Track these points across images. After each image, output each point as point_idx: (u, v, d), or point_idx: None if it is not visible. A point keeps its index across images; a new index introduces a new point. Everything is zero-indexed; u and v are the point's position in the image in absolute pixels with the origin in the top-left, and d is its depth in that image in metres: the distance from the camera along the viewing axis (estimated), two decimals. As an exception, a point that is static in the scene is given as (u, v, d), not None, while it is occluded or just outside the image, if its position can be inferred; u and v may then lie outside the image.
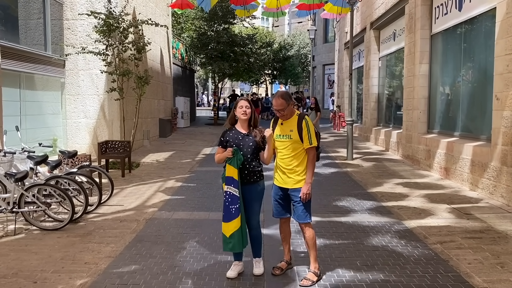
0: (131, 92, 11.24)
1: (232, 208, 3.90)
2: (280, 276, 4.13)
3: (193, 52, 26.15)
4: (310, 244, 4.08)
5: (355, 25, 16.43)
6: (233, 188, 3.91)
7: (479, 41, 8.37)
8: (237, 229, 3.90)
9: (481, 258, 4.56)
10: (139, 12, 13.35)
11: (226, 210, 3.94)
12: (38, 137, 9.85)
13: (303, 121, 4.01)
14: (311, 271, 4.06)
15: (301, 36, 39.42)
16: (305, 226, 4.07)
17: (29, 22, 10.72)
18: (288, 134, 4.01)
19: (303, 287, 3.91)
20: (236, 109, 4.10)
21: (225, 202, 3.94)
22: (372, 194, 7.61)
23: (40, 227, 5.64)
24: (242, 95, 27.27)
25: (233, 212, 3.90)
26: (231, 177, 3.91)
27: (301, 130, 3.98)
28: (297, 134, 3.98)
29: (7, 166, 6.25)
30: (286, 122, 4.06)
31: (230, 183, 3.91)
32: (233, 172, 3.90)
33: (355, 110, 18.50)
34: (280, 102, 3.98)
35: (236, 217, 3.90)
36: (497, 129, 6.95)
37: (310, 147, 4.00)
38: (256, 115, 4.15)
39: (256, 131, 4.10)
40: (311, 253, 4.09)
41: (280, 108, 3.99)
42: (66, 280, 4.07)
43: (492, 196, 7.04)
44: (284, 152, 4.03)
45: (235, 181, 3.90)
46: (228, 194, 3.92)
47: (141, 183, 8.65)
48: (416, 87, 10.60)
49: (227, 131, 4.14)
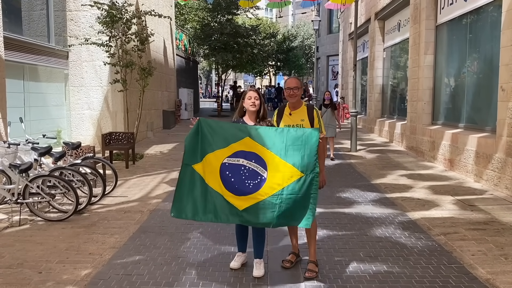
0: (134, 84, 11.23)
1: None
2: (284, 268, 4.13)
3: (196, 43, 26.06)
4: (313, 235, 4.07)
5: (360, 15, 16.31)
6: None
7: (484, 32, 8.29)
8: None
9: (485, 250, 4.55)
10: (142, 3, 13.29)
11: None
12: (42, 129, 9.88)
13: (314, 111, 4.04)
14: (313, 261, 4.05)
15: (305, 27, 39.17)
16: None
17: (32, 13, 10.69)
18: (299, 123, 3.99)
19: (310, 279, 3.90)
20: (244, 100, 4.01)
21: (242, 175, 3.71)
22: (376, 186, 7.60)
23: (45, 218, 5.67)
24: (240, 87, 27.09)
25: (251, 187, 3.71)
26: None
27: (312, 119, 3.99)
28: (309, 123, 3.98)
29: (12, 158, 6.26)
30: (295, 112, 4.05)
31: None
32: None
33: (359, 101, 18.43)
34: (296, 81, 4.04)
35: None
36: (502, 120, 6.90)
37: (322, 137, 4.01)
38: (265, 106, 4.05)
39: (263, 123, 4.00)
40: (313, 244, 4.07)
41: (294, 85, 3.99)
42: (71, 270, 4.10)
43: (497, 187, 7.01)
44: None
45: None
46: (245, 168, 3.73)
47: (145, 174, 8.68)
48: (420, 78, 10.52)
49: (235, 122, 4.06)
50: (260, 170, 3.69)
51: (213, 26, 24.20)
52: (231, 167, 3.73)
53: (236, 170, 3.71)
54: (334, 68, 31.01)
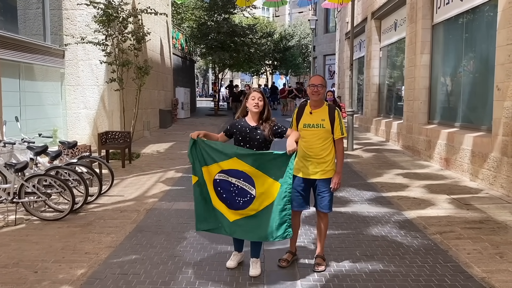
0: (131, 83, 11.20)
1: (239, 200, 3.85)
2: (279, 267, 4.14)
3: (193, 42, 26.02)
4: (324, 232, 4.20)
5: (356, 15, 16.33)
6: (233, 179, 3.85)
7: (480, 31, 8.31)
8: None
9: (480, 248, 4.57)
10: (139, 1, 13.25)
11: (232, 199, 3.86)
12: (38, 128, 9.84)
13: (336, 111, 4.05)
14: (321, 256, 4.18)
15: (302, 26, 39.16)
16: (325, 215, 4.16)
17: (28, 12, 10.65)
18: (320, 123, 4.00)
19: (319, 272, 4.02)
20: (248, 100, 3.94)
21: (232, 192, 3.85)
22: (372, 185, 7.61)
23: (41, 217, 5.65)
24: (237, 86, 27.02)
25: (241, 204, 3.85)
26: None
27: (333, 119, 4.00)
28: (329, 124, 3.99)
29: (7, 157, 6.25)
30: (316, 112, 4.04)
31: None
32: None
33: (355, 100, 18.45)
34: (321, 79, 4.08)
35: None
36: (498, 119, 6.93)
37: (340, 138, 4.05)
38: (269, 107, 4.00)
39: (266, 124, 3.93)
40: (322, 240, 4.21)
41: (319, 83, 4.01)
42: (67, 270, 4.09)
43: (492, 186, 7.04)
44: (314, 141, 3.99)
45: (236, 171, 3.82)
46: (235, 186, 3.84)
47: (141, 173, 8.66)
48: (417, 77, 10.55)
49: (236, 122, 4.01)
50: (249, 188, 3.80)
51: (209, 25, 24.16)
52: (222, 183, 3.86)
53: (226, 187, 3.85)
54: (330, 67, 31.06)
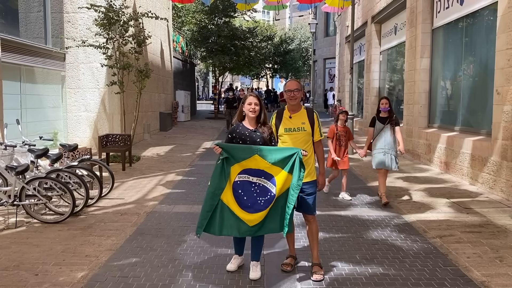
0: (131, 86, 11.23)
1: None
2: (280, 270, 4.14)
3: (193, 45, 26.10)
4: (316, 236, 4.11)
5: (356, 18, 16.39)
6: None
7: (480, 36, 8.34)
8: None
9: (480, 252, 4.57)
10: (139, 5, 13.31)
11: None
12: (39, 131, 9.86)
13: (314, 114, 4.10)
14: (317, 263, 4.07)
15: (302, 30, 39.29)
16: (313, 218, 4.10)
17: (29, 15, 10.69)
18: (300, 126, 4.03)
19: (318, 281, 3.91)
20: (244, 105, 3.97)
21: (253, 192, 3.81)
22: (372, 188, 7.62)
23: (41, 220, 5.66)
24: (237, 88, 27.06)
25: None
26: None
27: (313, 122, 4.05)
28: (310, 126, 4.03)
29: (8, 159, 6.26)
30: (295, 115, 4.07)
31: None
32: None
33: (355, 104, 18.48)
34: (296, 83, 4.08)
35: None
36: (497, 123, 6.94)
37: (320, 140, 4.12)
38: (265, 112, 4.02)
39: (264, 128, 3.97)
40: (315, 246, 4.10)
41: (295, 87, 4.01)
42: (67, 272, 4.10)
43: (492, 190, 7.05)
44: (297, 145, 3.99)
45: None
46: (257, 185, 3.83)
47: (141, 176, 8.67)
48: (417, 81, 10.58)
49: (234, 127, 4.03)
50: (270, 186, 3.79)
51: (210, 28, 24.23)
52: (242, 184, 3.82)
53: (247, 187, 3.81)
54: (331, 71, 31.09)
